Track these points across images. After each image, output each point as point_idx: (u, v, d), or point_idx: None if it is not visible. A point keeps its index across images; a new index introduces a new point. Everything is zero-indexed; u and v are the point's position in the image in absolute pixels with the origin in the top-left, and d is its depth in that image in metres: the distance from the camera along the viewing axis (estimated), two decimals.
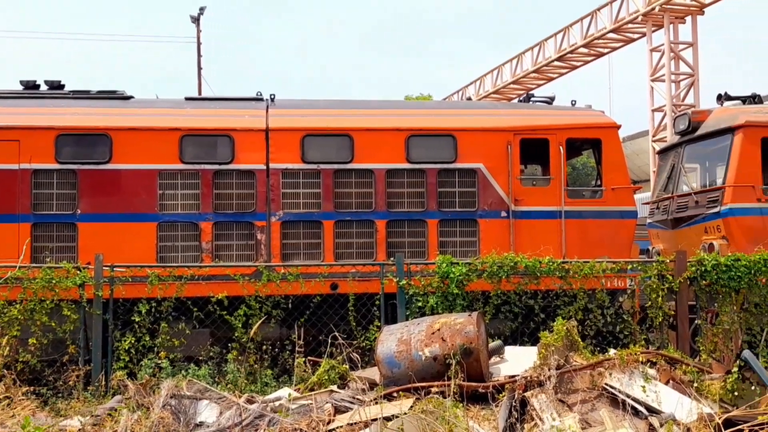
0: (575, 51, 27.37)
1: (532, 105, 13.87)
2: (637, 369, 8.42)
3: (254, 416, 7.91)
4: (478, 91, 34.35)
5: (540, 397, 8.05)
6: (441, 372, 8.43)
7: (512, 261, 10.47)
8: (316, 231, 12.19)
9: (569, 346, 8.82)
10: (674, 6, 22.39)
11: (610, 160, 12.94)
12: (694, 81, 22.69)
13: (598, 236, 12.46)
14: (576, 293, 10.55)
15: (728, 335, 10.51)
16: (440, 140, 12.60)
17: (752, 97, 14.46)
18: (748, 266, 10.59)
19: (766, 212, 12.82)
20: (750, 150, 12.97)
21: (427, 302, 10.26)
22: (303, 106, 13.10)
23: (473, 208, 12.46)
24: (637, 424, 7.86)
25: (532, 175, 13.95)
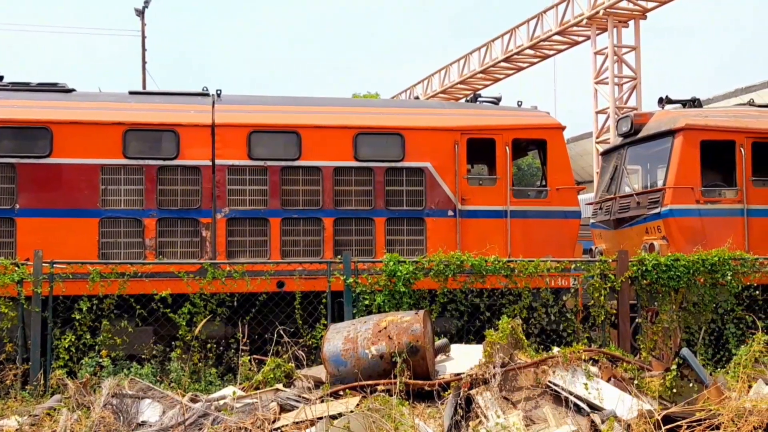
0: (521, 52, 27.69)
1: (479, 105, 13.99)
2: (579, 367, 8.54)
3: (198, 415, 7.81)
4: (425, 91, 34.49)
5: (485, 394, 8.12)
6: (387, 370, 8.44)
7: (458, 260, 10.54)
8: (263, 228, 12.10)
9: (514, 345, 8.91)
10: (618, 10, 22.80)
11: (555, 160, 13.12)
12: (636, 84, 23.16)
13: (542, 236, 12.63)
14: (521, 292, 10.67)
15: (667, 333, 10.74)
16: (388, 139, 12.62)
17: (692, 101, 14.82)
18: (687, 266, 10.84)
19: (704, 213, 13.15)
20: (690, 152, 13.28)
21: (374, 300, 10.26)
22: (250, 102, 12.97)
23: (420, 206, 12.51)
24: (580, 421, 7.98)
25: (479, 174, 14.07)
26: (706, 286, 10.92)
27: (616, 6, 22.63)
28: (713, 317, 11.01)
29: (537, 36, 26.38)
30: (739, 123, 13.68)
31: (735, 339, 10.88)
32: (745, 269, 11.10)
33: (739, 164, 13.36)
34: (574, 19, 24.30)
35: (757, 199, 13.38)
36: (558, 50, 27.28)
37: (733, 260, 11.04)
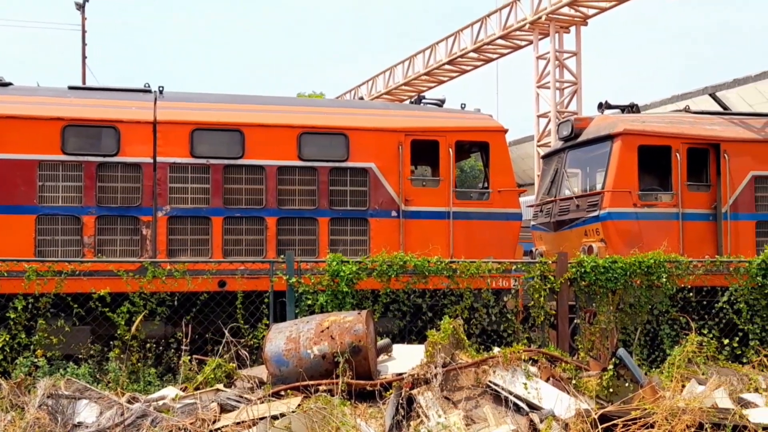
0: (465, 56, 27.92)
1: (423, 107, 14.07)
2: (519, 367, 8.67)
3: (136, 416, 7.68)
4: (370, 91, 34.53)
5: (426, 394, 8.18)
6: (330, 370, 8.44)
7: (401, 260, 10.58)
8: (205, 227, 11.97)
9: (455, 345, 9.00)
10: (560, 16, 23.17)
11: (497, 163, 13.27)
12: (577, 89, 23.57)
13: (484, 237, 12.77)
14: (463, 292, 10.77)
15: (605, 334, 10.96)
16: (332, 138, 12.60)
17: (630, 106, 15.15)
18: (624, 268, 11.07)
19: (641, 217, 13.46)
20: (628, 157, 13.58)
21: (317, 300, 10.24)
22: (193, 100, 12.81)
23: (364, 207, 12.53)
24: (519, 421, 8.09)
25: (422, 176, 14.15)
26: (642, 287, 11.17)
27: (558, 12, 23.00)
28: (649, 318, 11.27)
29: (481, 40, 26.64)
30: (676, 129, 14.04)
31: (669, 339, 11.16)
32: (680, 271, 11.38)
33: (675, 169, 13.71)
34: (517, 23, 24.61)
35: (691, 203, 13.76)
36: (501, 54, 27.59)
37: (668, 263, 11.32)
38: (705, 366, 10.14)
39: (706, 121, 14.62)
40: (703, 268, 11.66)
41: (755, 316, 11.47)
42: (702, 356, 10.24)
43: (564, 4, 22.57)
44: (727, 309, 11.50)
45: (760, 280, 11.45)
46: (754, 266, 11.52)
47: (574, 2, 22.55)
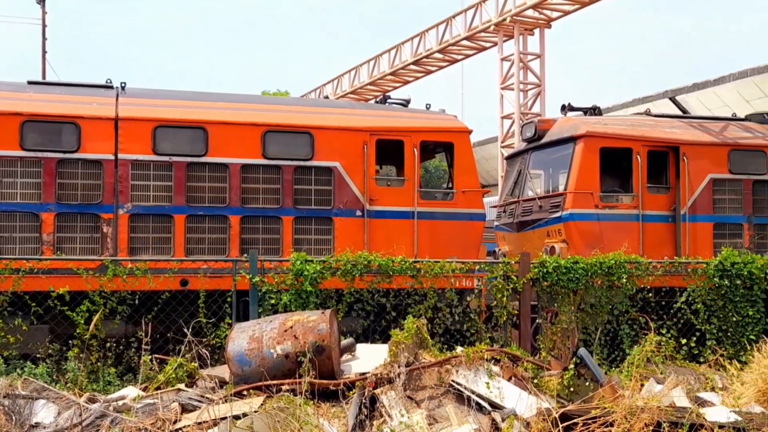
0: (430, 56, 28.00)
1: (389, 107, 14.10)
2: (482, 366, 8.71)
3: (95, 416, 7.58)
4: (335, 90, 34.45)
5: (389, 394, 8.18)
6: (293, 370, 8.40)
7: (366, 260, 10.58)
8: (167, 225, 11.86)
9: (419, 344, 9.02)
10: (524, 18, 23.35)
11: (461, 163, 13.34)
12: (540, 91, 23.76)
13: (448, 237, 12.83)
14: (426, 292, 10.80)
15: (566, 334, 11.07)
16: (297, 137, 12.56)
17: (593, 108, 15.32)
18: (586, 268, 11.19)
19: (602, 218, 13.63)
20: (590, 159, 13.73)
21: (281, 300, 10.19)
22: (156, 96, 12.69)
23: (329, 206, 12.51)
24: (481, 420, 8.14)
25: (387, 175, 14.17)
26: (602, 288, 11.29)
27: (523, 14, 23.17)
28: (609, 318, 11.40)
29: (446, 40, 26.72)
30: (636, 131, 14.24)
31: (629, 339, 11.30)
32: (640, 272, 11.53)
33: (636, 171, 13.90)
34: (482, 25, 24.73)
35: (651, 205, 13.96)
36: (466, 55, 27.71)
37: (628, 263, 11.46)
38: (663, 365, 10.30)
39: (666, 124, 14.85)
40: (662, 269, 11.83)
41: (712, 317, 11.67)
42: (660, 356, 10.39)
43: (528, 6, 22.74)
44: (685, 309, 11.68)
45: (717, 281, 11.66)
46: (711, 267, 11.71)
47: (538, 5, 22.73)
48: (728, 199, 14.30)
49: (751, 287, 11.81)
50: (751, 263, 11.80)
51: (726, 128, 15.00)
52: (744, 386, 9.96)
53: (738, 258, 11.80)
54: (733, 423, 7.67)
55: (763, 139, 14.78)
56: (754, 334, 11.64)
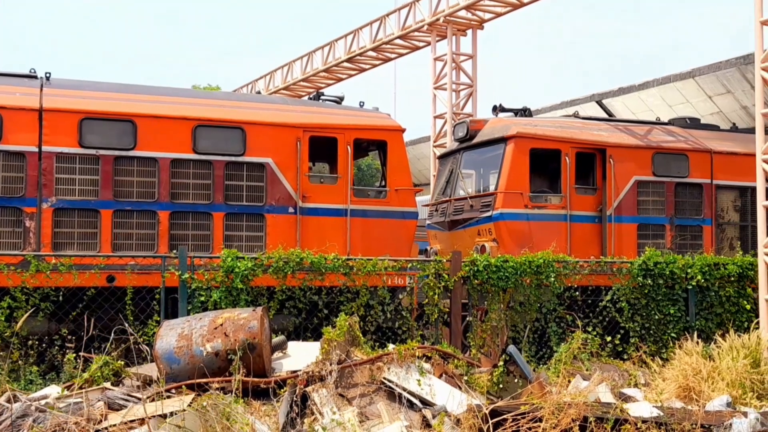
0: (364, 54, 27.97)
1: (322, 103, 14.05)
2: (413, 363, 8.76)
3: (17, 416, 7.33)
4: (268, 86, 34.09)
5: (321, 391, 8.16)
6: (223, 368, 8.30)
7: (298, 257, 10.52)
8: (93, 220, 11.56)
9: (351, 342, 9.01)
10: (457, 19, 23.51)
11: (394, 162, 13.39)
12: (472, 91, 23.96)
13: (381, 235, 12.87)
14: (359, 290, 10.80)
15: (496, 331, 11.21)
16: (229, 132, 12.41)
17: (523, 110, 15.57)
18: (515, 267, 11.37)
19: (531, 218, 13.86)
20: (520, 159, 13.95)
21: (211, 297, 10.05)
22: (83, 87, 12.35)
23: (261, 202, 12.39)
24: (412, 417, 8.18)
25: (320, 173, 14.12)
26: (531, 286, 11.49)
27: (456, 15, 23.32)
28: (537, 316, 11.60)
29: (379, 39, 26.73)
30: (565, 133, 14.53)
31: (556, 337, 11.52)
32: (567, 271, 11.78)
33: (564, 172, 14.18)
34: (415, 24, 24.80)
35: (579, 205, 14.27)
36: (399, 54, 27.73)
37: (556, 262, 11.69)
38: (589, 362, 10.55)
39: (593, 127, 15.20)
40: (589, 269, 12.10)
41: (636, 315, 12.00)
42: (586, 353, 10.65)
43: (461, 7, 22.90)
44: (610, 307, 11.98)
45: (640, 280, 11.99)
46: (635, 267, 12.04)
47: (470, 6, 22.91)
48: (652, 200, 14.71)
49: (672, 286, 12.19)
50: (673, 263, 12.18)
51: (650, 132, 15.43)
52: (665, 382, 10.28)
53: (660, 258, 12.17)
54: (656, 418, 7.89)
55: (685, 142, 15.27)
56: (675, 331, 12.01)
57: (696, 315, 12.25)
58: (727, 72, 27.74)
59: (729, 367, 10.27)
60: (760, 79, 11.70)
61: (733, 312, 12.42)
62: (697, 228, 14.96)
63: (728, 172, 15.16)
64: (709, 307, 12.36)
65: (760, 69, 11.65)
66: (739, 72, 26.74)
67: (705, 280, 12.23)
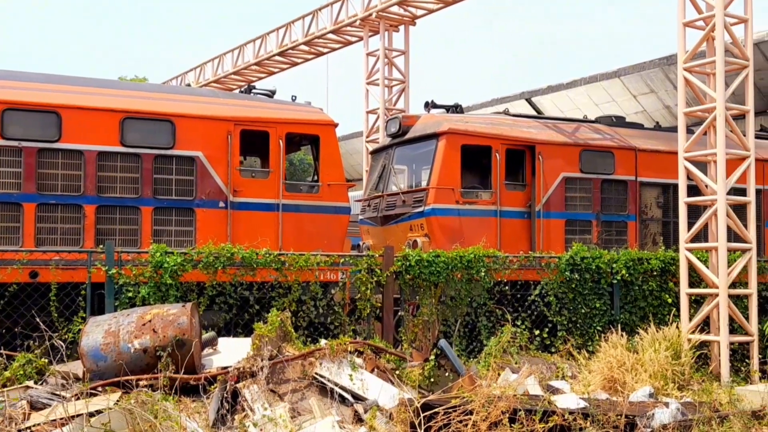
0: (296, 48, 27.79)
1: (254, 97, 13.91)
2: (345, 358, 8.77)
3: None
4: (198, 78, 33.57)
5: (252, 387, 8.10)
6: (152, 364, 8.16)
7: (229, 252, 10.41)
8: (15, 214, 11.19)
9: (282, 337, 8.97)
10: (389, 14, 23.56)
11: (327, 156, 13.36)
12: (405, 87, 24.06)
13: (313, 230, 12.82)
14: (291, 285, 10.74)
15: (427, 326, 11.32)
16: (158, 125, 12.18)
17: (455, 106, 15.70)
18: (446, 262, 11.48)
19: (463, 213, 14.01)
20: (451, 155, 14.07)
21: (139, 293, 9.86)
22: (4, 77, 11.93)
23: (190, 196, 12.21)
24: (344, 411, 8.20)
25: (252, 167, 13.98)
26: (462, 281, 11.63)
27: (388, 10, 23.36)
28: (468, 310, 11.75)
29: (312, 33, 26.61)
30: (496, 130, 14.71)
31: (486, 331, 11.69)
32: (497, 266, 11.96)
33: (495, 168, 14.36)
34: (348, 19, 24.75)
35: (509, 201, 14.47)
36: (332, 48, 27.65)
37: (486, 257, 11.85)
38: (518, 355, 10.74)
39: (523, 124, 15.43)
40: (518, 263, 12.30)
41: (563, 309, 12.25)
42: (515, 346, 10.83)
43: (393, 3, 22.96)
44: (539, 302, 12.21)
45: (567, 275, 12.25)
46: (562, 262, 12.30)
47: (403, 2, 22.99)
48: (579, 197, 15.02)
49: (598, 281, 12.49)
50: (599, 258, 12.48)
51: (578, 129, 15.76)
52: (592, 374, 10.55)
53: (587, 253, 12.46)
54: (582, 409, 8.08)
55: (611, 140, 15.64)
56: (600, 324, 12.32)
57: (620, 309, 12.59)
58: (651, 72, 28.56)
59: (651, 359, 10.60)
60: (682, 79, 12.07)
61: (656, 306, 12.81)
62: (622, 224, 15.35)
63: (652, 170, 15.59)
64: (633, 301, 12.71)
65: (682, 69, 12.01)
66: (663, 72, 27.58)
67: (629, 275, 12.57)
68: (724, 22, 11.56)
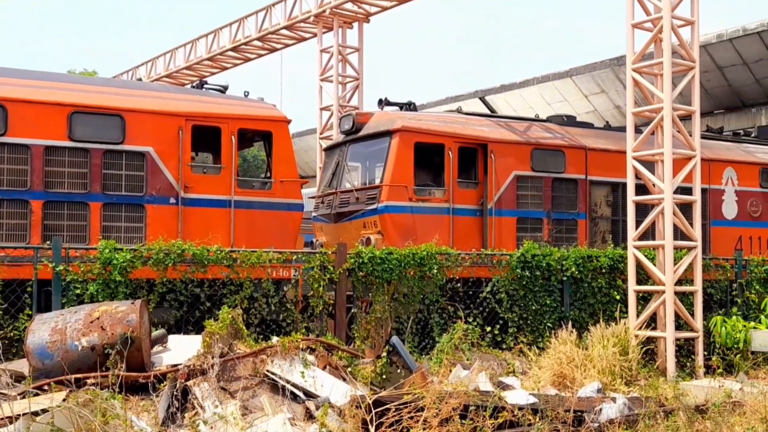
0: (249, 43, 27.55)
1: (206, 92, 13.78)
2: (297, 356, 8.75)
3: None
4: (149, 73, 33.09)
5: (202, 385, 8.03)
6: (100, 362, 8.04)
7: (179, 248, 10.29)
8: None
9: (234, 335, 8.91)
10: (343, 11, 23.50)
11: (279, 153, 13.29)
12: (359, 84, 24.03)
13: (266, 227, 12.74)
14: (243, 282, 10.66)
15: (380, 323, 11.33)
16: (107, 119, 11.99)
17: (408, 104, 15.75)
18: (399, 259, 11.51)
19: (416, 210, 14.06)
20: (405, 153, 14.11)
21: (87, 290, 9.69)
22: None
23: (141, 192, 12.04)
24: (295, 409, 8.18)
25: (204, 163, 13.84)
26: (415, 278, 11.66)
27: (342, 7, 23.29)
28: (420, 307, 11.79)
29: (265, 29, 26.41)
30: (449, 128, 14.79)
31: (439, 327, 11.74)
32: (449, 263, 12.02)
33: (448, 166, 14.44)
34: (302, 15, 24.63)
35: (461, 199, 14.57)
36: (286, 44, 27.46)
37: (439, 255, 11.91)
38: (470, 352, 10.83)
39: (476, 123, 15.54)
40: (470, 261, 12.39)
41: (514, 306, 12.38)
42: (467, 343, 10.92)
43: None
44: (490, 299, 12.31)
45: (519, 272, 12.38)
46: (514, 259, 12.42)
47: None
48: (530, 195, 15.19)
49: (549, 278, 12.64)
50: (549, 255, 12.64)
51: (529, 128, 15.93)
52: (542, 370, 10.69)
53: (538, 250, 12.60)
54: (531, 405, 8.19)
55: (562, 139, 15.84)
56: (551, 321, 12.48)
57: (570, 305, 12.76)
58: (602, 72, 29.02)
59: (600, 355, 10.78)
60: (631, 79, 12.28)
61: (605, 302, 13.01)
62: (573, 222, 15.56)
63: (601, 169, 15.83)
64: (583, 298, 12.90)
65: (631, 70, 12.22)
66: (613, 73, 28.05)
67: (579, 272, 12.75)
68: (671, 24, 11.79)
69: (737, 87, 27.74)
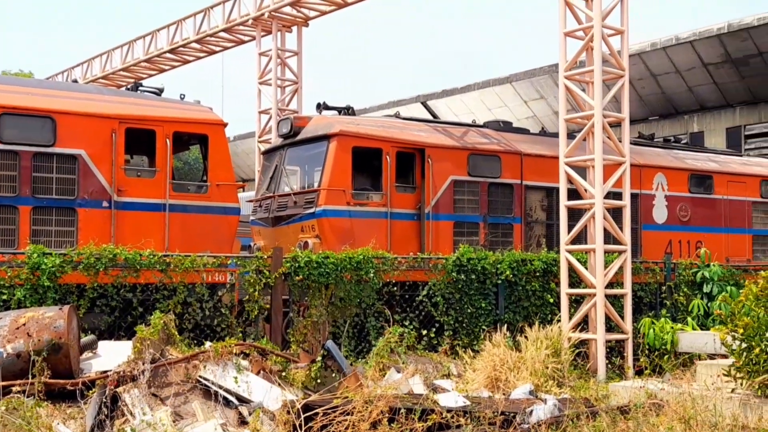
0: (188, 45, 27.24)
1: (140, 94, 13.60)
2: (230, 361, 8.70)
3: None
4: (85, 74, 32.45)
5: (132, 391, 7.93)
6: (26, 369, 7.87)
7: (111, 253, 10.13)
8: None
9: (166, 340, 8.82)
10: (282, 15, 23.40)
11: (215, 156, 13.19)
12: (297, 88, 23.96)
13: (201, 230, 12.63)
14: (176, 287, 10.55)
15: (317, 327, 11.33)
16: (37, 121, 11.75)
17: (346, 108, 15.78)
18: (336, 263, 11.53)
19: (353, 215, 14.09)
20: (342, 157, 14.13)
21: (14, 295, 9.47)
22: None
23: (72, 196, 11.82)
24: (228, 414, 8.13)
25: (138, 166, 13.65)
26: (351, 282, 11.70)
27: (281, 11, 23.20)
28: (357, 311, 11.83)
29: (204, 31, 26.15)
30: (387, 133, 14.87)
31: (375, 331, 11.80)
32: (386, 267, 12.09)
33: (385, 171, 14.51)
34: (240, 18, 24.45)
35: (399, 203, 14.65)
36: (224, 47, 27.23)
37: (375, 259, 11.96)
38: (405, 355, 10.89)
39: (414, 127, 15.66)
40: (407, 264, 12.48)
41: (450, 309, 12.51)
42: (403, 346, 10.98)
43: (286, 3, 22.81)
44: (426, 302, 12.41)
45: (454, 276, 12.51)
46: (450, 263, 12.55)
47: (295, 3, 22.87)
48: (467, 199, 15.36)
49: (484, 281, 12.81)
50: (485, 259, 12.80)
51: (467, 134, 16.11)
52: (476, 373, 10.82)
53: (473, 254, 12.75)
54: (462, 407, 8.29)
55: (498, 144, 16.06)
56: (486, 324, 12.63)
57: (505, 308, 12.94)
58: (540, 79, 29.53)
59: (533, 357, 10.95)
60: (563, 87, 12.54)
61: (539, 305, 13.24)
62: (508, 226, 15.78)
63: (536, 174, 16.09)
64: (517, 301, 13.10)
65: (563, 78, 12.48)
66: (552, 79, 28.54)
67: (513, 276, 12.95)
68: (602, 33, 12.08)
69: (670, 94, 28.54)
